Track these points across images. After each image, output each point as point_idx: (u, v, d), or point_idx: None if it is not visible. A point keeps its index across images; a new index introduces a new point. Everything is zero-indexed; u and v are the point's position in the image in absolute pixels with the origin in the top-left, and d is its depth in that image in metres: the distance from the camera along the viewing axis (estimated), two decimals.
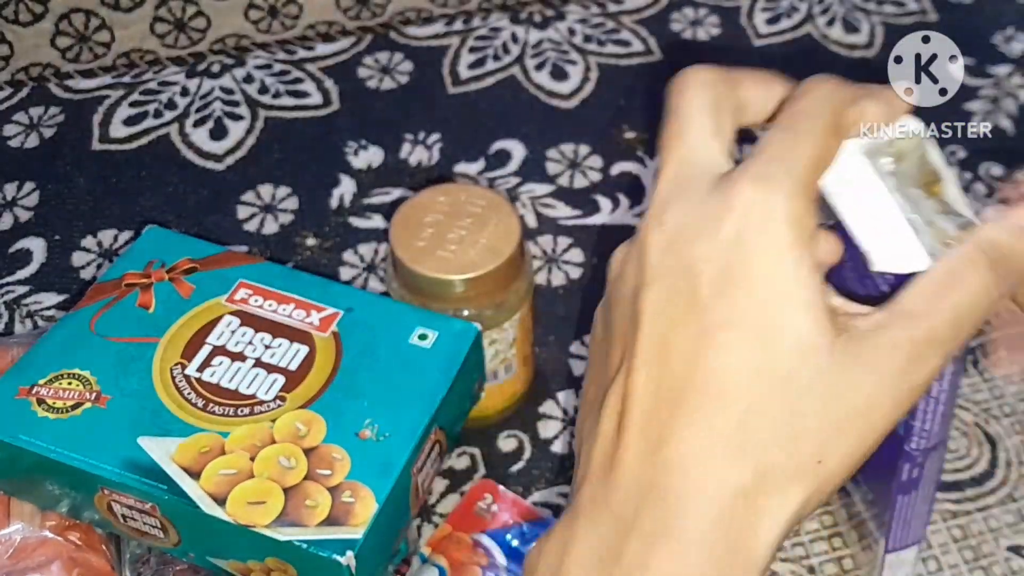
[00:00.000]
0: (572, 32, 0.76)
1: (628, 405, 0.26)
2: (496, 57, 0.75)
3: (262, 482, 0.43)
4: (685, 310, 0.26)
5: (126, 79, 0.73)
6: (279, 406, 0.45)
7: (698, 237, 0.26)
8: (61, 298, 0.61)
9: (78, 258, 0.63)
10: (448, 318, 0.49)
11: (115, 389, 0.46)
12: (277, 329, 0.48)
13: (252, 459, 0.43)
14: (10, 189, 0.67)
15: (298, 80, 0.73)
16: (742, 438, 0.25)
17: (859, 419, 0.25)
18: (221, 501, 0.42)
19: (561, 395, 0.57)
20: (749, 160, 0.27)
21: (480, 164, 0.68)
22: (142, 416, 0.45)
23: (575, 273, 0.62)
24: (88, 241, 0.64)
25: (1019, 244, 0.27)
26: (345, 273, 0.62)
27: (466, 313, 0.49)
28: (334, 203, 0.66)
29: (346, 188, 0.66)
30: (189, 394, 0.46)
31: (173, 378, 0.46)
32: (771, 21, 0.77)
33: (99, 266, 0.63)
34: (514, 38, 0.76)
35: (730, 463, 0.25)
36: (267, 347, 0.47)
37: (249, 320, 0.48)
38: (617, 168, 0.68)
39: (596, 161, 0.68)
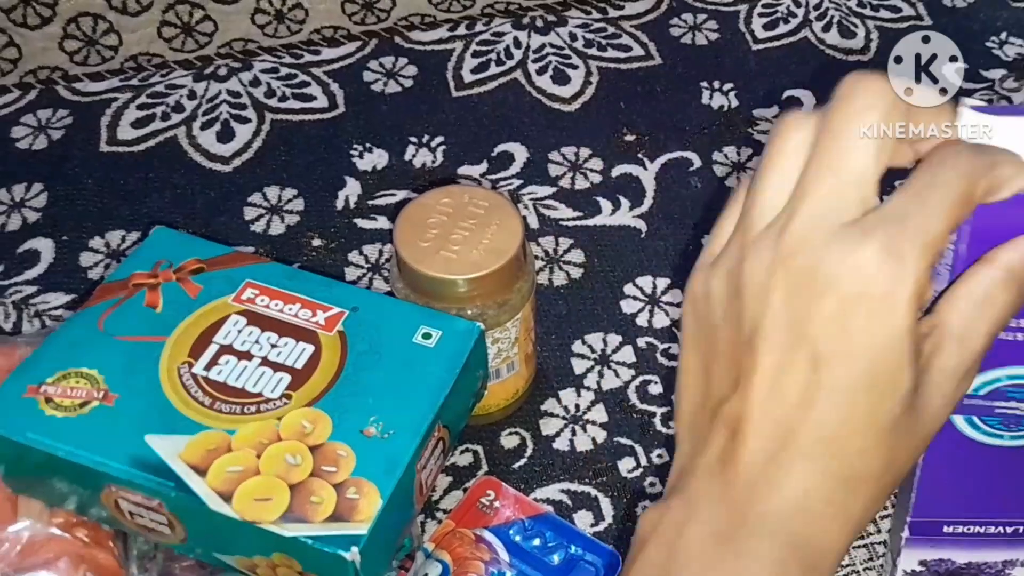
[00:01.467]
0: (573, 37, 0.77)
1: (744, 432, 0.29)
2: (499, 61, 0.75)
3: (268, 479, 0.43)
4: (801, 362, 0.28)
5: (134, 82, 0.74)
6: (285, 404, 0.46)
7: (821, 294, 0.28)
8: (69, 298, 0.62)
9: (86, 258, 0.64)
10: (451, 317, 0.49)
11: (123, 388, 0.46)
12: (283, 328, 0.49)
13: (258, 456, 0.44)
14: (18, 190, 0.67)
15: (304, 84, 0.74)
16: (849, 475, 0.29)
17: (927, 439, 0.30)
18: (228, 498, 0.42)
19: (563, 393, 0.57)
20: (878, 221, 0.28)
21: (483, 166, 0.68)
22: (149, 414, 0.45)
23: (576, 273, 0.63)
24: (96, 242, 0.64)
25: None
26: (350, 273, 0.63)
27: (469, 312, 0.50)
28: (340, 204, 0.66)
29: (351, 190, 0.67)
30: (196, 392, 0.46)
31: (180, 377, 0.47)
32: (768, 26, 0.77)
33: (107, 266, 0.63)
34: (516, 43, 0.76)
35: (834, 491, 0.29)
36: (273, 346, 0.48)
37: (255, 319, 0.49)
38: (617, 170, 0.68)
39: (597, 163, 0.68)
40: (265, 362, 0.47)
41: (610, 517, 0.52)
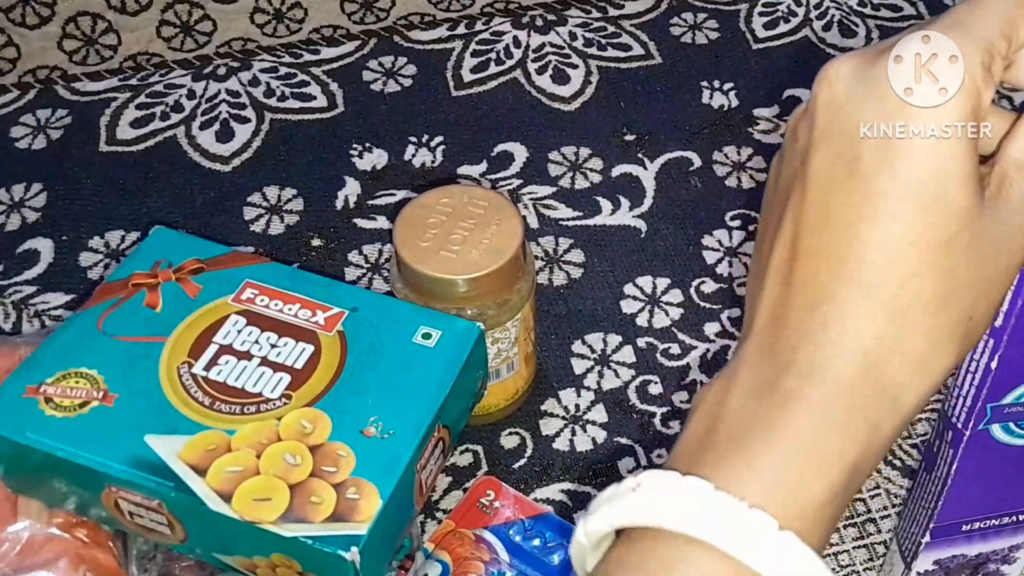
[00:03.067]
0: (573, 36, 0.77)
1: (793, 266, 0.28)
2: (498, 61, 0.75)
3: (268, 479, 0.43)
4: (847, 176, 0.27)
5: (133, 82, 0.74)
6: (285, 404, 0.46)
7: (866, 101, 0.27)
8: (69, 298, 0.62)
9: (85, 258, 0.64)
10: (451, 317, 0.49)
11: (122, 388, 0.46)
12: (283, 328, 0.49)
13: (258, 456, 0.44)
14: (18, 190, 0.67)
15: (303, 83, 0.74)
16: (901, 302, 0.26)
17: (1004, 274, 0.28)
18: (227, 498, 0.42)
19: (563, 393, 0.57)
20: (935, 23, 0.27)
21: (483, 166, 0.68)
22: (149, 414, 0.45)
23: (576, 273, 0.63)
24: (95, 241, 0.64)
25: None
26: (350, 273, 0.63)
27: (469, 312, 0.50)
28: (339, 204, 0.66)
29: (351, 189, 0.67)
30: (196, 392, 0.46)
31: (180, 377, 0.47)
32: (769, 25, 0.77)
33: (106, 266, 0.63)
34: (516, 42, 0.76)
35: (887, 323, 0.26)
36: (273, 346, 0.48)
37: (255, 319, 0.49)
38: (617, 170, 0.68)
39: (597, 163, 0.68)
40: (265, 362, 0.47)
41: None
